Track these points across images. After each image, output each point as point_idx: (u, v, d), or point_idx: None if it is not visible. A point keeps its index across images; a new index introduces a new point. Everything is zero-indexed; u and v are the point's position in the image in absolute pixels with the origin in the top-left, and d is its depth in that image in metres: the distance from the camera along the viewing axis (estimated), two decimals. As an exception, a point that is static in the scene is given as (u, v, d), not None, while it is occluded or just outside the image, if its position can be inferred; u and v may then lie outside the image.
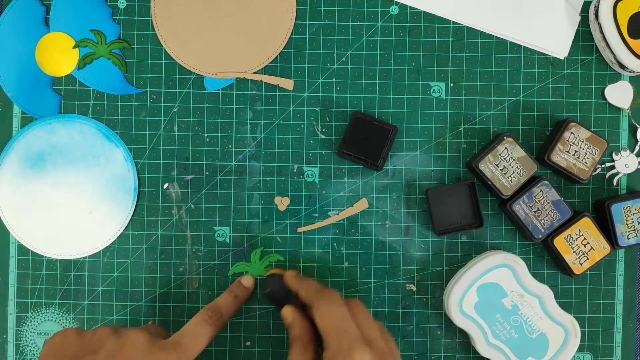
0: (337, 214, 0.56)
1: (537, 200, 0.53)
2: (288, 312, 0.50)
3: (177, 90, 0.57)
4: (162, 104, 0.57)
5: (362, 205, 0.56)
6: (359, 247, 0.56)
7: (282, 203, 0.56)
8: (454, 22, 0.57)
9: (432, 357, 0.56)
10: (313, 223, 0.56)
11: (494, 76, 0.56)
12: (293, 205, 0.56)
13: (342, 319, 0.46)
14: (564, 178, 0.56)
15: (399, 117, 0.56)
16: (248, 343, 0.57)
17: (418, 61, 0.57)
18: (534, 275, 0.54)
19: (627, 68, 0.55)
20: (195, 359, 0.48)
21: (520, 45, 0.57)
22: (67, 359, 0.45)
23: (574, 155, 0.53)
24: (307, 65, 0.57)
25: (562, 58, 0.57)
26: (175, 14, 0.56)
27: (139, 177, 0.57)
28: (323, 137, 0.56)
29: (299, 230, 0.56)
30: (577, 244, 0.53)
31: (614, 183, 0.56)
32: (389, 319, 0.56)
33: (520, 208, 0.53)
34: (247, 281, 0.55)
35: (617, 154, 0.56)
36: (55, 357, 0.46)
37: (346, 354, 0.44)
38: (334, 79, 0.57)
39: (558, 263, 0.55)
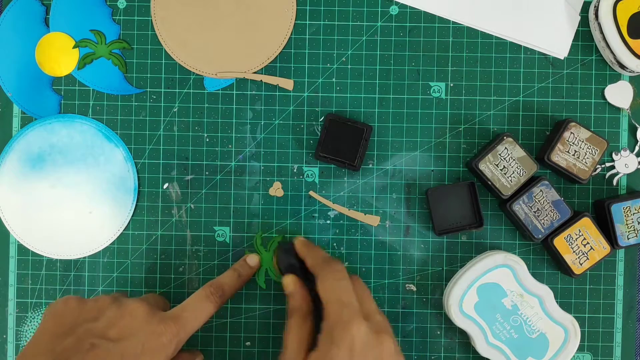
0: (349, 210, 0.56)
1: (537, 200, 0.53)
2: (289, 281, 0.50)
3: (177, 90, 0.57)
4: (162, 104, 0.57)
5: (373, 219, 0.56)
6: (359, 247, 0.56)
7: (275, 191, 0.56)
8: (454, 22, 0.57)
9: (432, 357, 0.56)
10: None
11: (493, 76, 0.56)
12: (293, 205, 0.56)
13: (345, 292, 0.47)
14: (563, 178, 0.56)
15: (399, 117, 0.56)
16: (248, 343, 0.57)
17: (418, 61, 0.57)
18: (534, 275, 0.54)
19: (627, 68, 0.55)
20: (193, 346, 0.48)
21: (520, 45, 0.57)
22: (66, 326, 0.46)
23: (573, 155, 0.53)
24: (307, 65, 0.57)
25: (562, 58, 0.57)
26: (175, 14, 0.56)
27: (139, 177, 0.57)
28: (323, 137, 0.56)
29: (310, 193, 0.56)
30: (577, 244, 0.53)
31: (614, 183, 0.56)
32: (389, 319, 0.56)
33: (520, 208, 0.53)
34: (252, 260, 0.54)
35: (617, 154, 0.56)
36: (55, 322, 0.46)
37: (345, 325, 0.45)
38: (334, 79, 0.57)
39: (558, 263, 0.55)
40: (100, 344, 0.44)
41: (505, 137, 0.53)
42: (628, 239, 0.54)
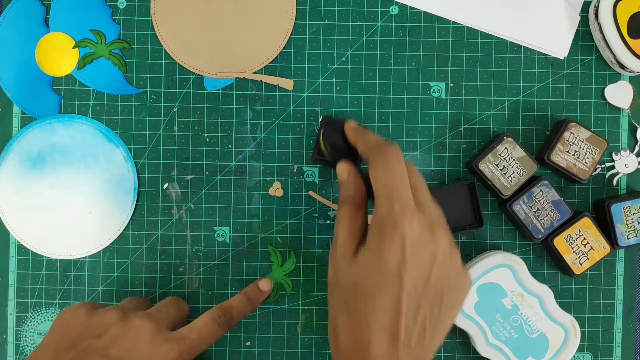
0: None
1: (537, 200, 0.53)
2: (344, 168, 0.46)
3: (177, 90, 0.57)
4: (162, 104, 0.57)
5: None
6: (359, 247, 0.56)
7: (275, 191, 0.56)
8: (454, 22, 0.57)
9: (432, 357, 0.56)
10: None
11: (493, 76, 0.56)
12: (293, 205, 0.56)
13: (398, 181, 0.42)
14: (563, 178, 0.56)
15: (399, 117, 0.56)
16: (248, 343, 0.57)
17: (418, 61, 0.57)
18: (534, 275, 0.54)
19: (627, 68, 0.55)
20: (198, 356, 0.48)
21: (520, 45, 0.57)
22: (70, 340, 0.46)
23: (573, 155, 0.53)
24: (307, 65, 0.57)
25: (562, 58, 0.57)
26: (175, 14, 0.56)
27: (139, 177, 0.57)
28: (323, 137, 0.56)
29: (310, 193, 0.56)
30: (577, 244, 0.53)
31: (614, 183, 0.56)
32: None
33: (520, 208, 0.53)
34: (265, 285, 0.53)
35: (617, 154, 0.56)
36: (61, 335, 0.46)
37: (396, 220, 0.41)
38: (334, 79, 0.57)
39: (558, 263, 0.55)
40: None
41: (505, 137, 0.53)
42: (628, 239, 0.54)
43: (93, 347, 0.45)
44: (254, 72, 0.56)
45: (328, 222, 0.56)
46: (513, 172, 0.53)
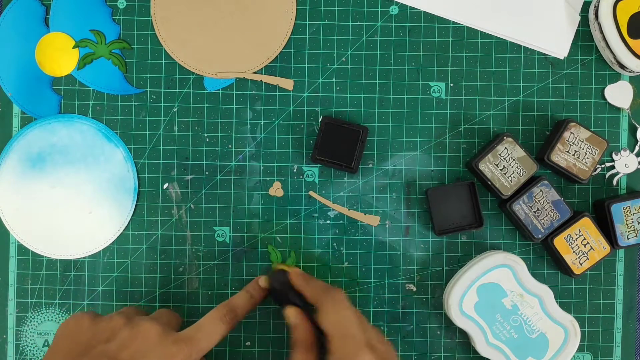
0: (349, 210, 0.56)
1: (537, 200, 0.53)
2: (292, 313, 0.50)
3: (177, 90, 0.57)
4: (162, 104, 0.57)
5: (373, 220, 0.56)
6: (359, 247, 0.56)
7: (275, 191, 0.56)
8: (453, 22, 0.57)
9: (432, 357, 0.56)
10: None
11: (493, 76, 0.57)
12: (293, 205, 0.57)
13: (349, 323, 0.46)
14: (563, 178, 0.56)
15: (399, 117, 0.56)
16: (248, 343, 0.57)
17: (418, 61, 0.57)
18: (534, 275, 0.54)
19: (627, 68, 0.55)
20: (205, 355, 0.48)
21: (520, 45, 0.57)
22: (80, 346, 0.45)
23: (573, 155, 0.53)
24: (307, 65, 0.57)
25: (562, 58, 0.57)
26: (175, 14, 0.56)
27: (139, 177, 0.57)
28: (323, 137, 0.56)
29: (310, 193, 0.56)
30: (577, 244, 0.53)
31: (614, 183, 0.56)
32: (389, 319, 0.56)
33: (520, 208, 0.53)
34: (264, 282, 0.54)
35: (617, 154, 0.56)
36: (69, 342, 0.46)
37: (352, 357, 0.44)
38: (334, 79, 0.57)
39: (558, 263, 0.55)
40: None
41: (505, 137, 0.53)
42: (628, 239, 0.54)
43: (105, 351, 0.45)
44: (254, 72, 0.56)
45: (328, 222, 0.56)
46: (513, 172, 0.53)
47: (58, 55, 0.57)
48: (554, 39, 0.56)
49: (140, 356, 0.45)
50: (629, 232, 0.54)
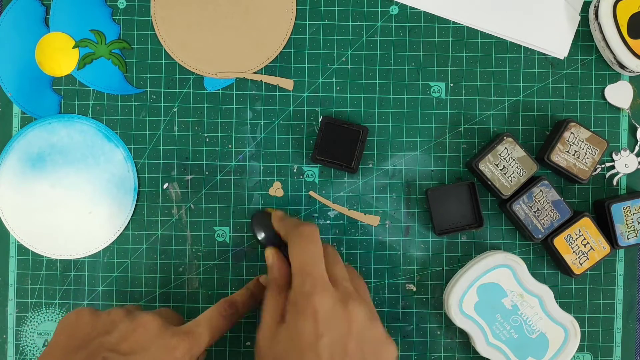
0: (349, 210, 0.56)
1: (537, 200, 0.53)
2: (269, 253, 0.49)
3: (177, 90, 0.57)
4: (162, 104, 0.57)
5: (373, 219, 0.56)
6: (359, 247, 0.56)
7: (275, 191, 0.56)
8: (453, 22, 0.57)
9: (432, 357, 0.56)
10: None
11: (493, 76, 0.57)
12: (293, 205, 0.56)
13: (311, 258, 0.45)
14: (563, 178, 0.56)
15: (399, 117, 0.56)
16: (248, 343, 0.57)
17: (418, 61, 0.57)
18: (534, 275, 0.54)
19: (627, 68, 0.55)
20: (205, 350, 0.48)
21: (520, 45, 0.57)
22: (79, 339, 0.46)
23: (573, 155, 0.53)
24: (307, 65, 0.57)
25: (562, 58, 0.57)
26: (175, 14, 0.56)
27: (139, 177, 0.57)
28: (323, 137, 0.56)
29: (310, 193, 0.56)
30: (577, 244, 0.53)
31: (614, 183, 0.56)
32: (389, 319, 0.56)
33: (520, 208, 0.53)
34: (265, 280, 0.54)
35: (617, 154, 0.56)
36: (68, 336, 0.46)
37: (307, 296, 0.43)
38: (334, 79, 0.57)
39: (558, 263, 0.55)
40: (112, 358, 0.43)
41: (505, 137, 0.53)
42: (628, 239, 0.54)
43: (104, 343, 0.45)
44: (254, 72, 0.56)
45: (328, 222, 0.56)
46: (513, 172, 0.53)
47: (58, 55, 0.57)
48: (554, 39, 0.56)
49: (140, 348, 0.45)
50: (629, 232, 0.54)
